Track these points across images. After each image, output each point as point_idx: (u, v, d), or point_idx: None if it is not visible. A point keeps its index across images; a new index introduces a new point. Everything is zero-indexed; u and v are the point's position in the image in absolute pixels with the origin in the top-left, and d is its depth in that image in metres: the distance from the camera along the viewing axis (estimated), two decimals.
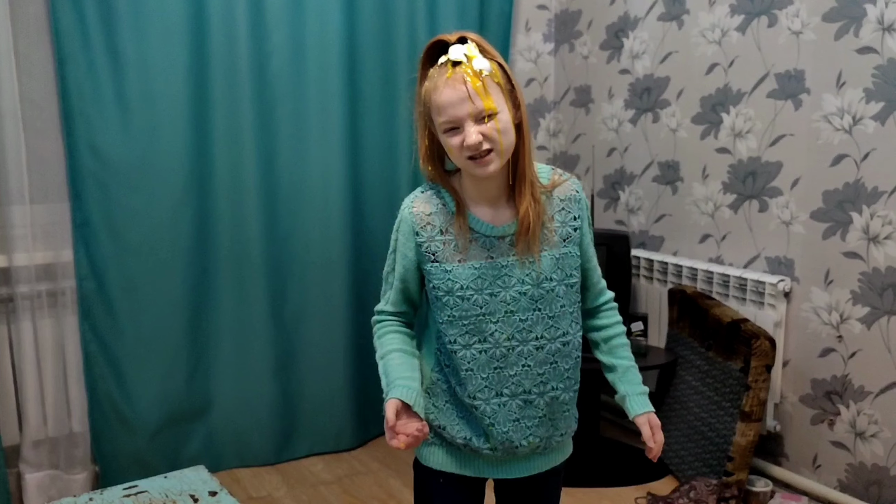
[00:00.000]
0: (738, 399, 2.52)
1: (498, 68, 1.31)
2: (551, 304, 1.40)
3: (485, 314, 1.39)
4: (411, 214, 1.41)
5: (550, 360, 1.42)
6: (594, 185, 3.38)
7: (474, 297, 1.39)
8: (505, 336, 1.40)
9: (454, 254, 1.39)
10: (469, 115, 1.28)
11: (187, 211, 2.70)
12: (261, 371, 2.89)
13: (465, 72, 1.28)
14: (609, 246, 2.86)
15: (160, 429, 2.74)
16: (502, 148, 1.31)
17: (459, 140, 1.30)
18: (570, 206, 1.42)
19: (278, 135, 2.81)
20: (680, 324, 2.85)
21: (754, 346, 2.45)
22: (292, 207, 2.87)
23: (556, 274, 1.40)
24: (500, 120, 1.30)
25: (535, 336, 1.40)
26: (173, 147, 2.64)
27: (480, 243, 1.39)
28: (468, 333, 1.40)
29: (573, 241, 1.41)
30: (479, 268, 1.39)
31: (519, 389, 1.42)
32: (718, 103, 2.80)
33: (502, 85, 1.31)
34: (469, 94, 1.27)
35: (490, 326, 1.40)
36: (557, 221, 1.40)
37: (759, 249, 2.71)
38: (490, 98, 1.28)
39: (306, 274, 2.91)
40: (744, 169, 2.73)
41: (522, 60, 3.48)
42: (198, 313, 2.78)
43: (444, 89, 1.29)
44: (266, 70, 2.76)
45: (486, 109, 1.28)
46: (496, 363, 1.41)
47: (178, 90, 2.62)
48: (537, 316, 1.40)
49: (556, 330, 1.41)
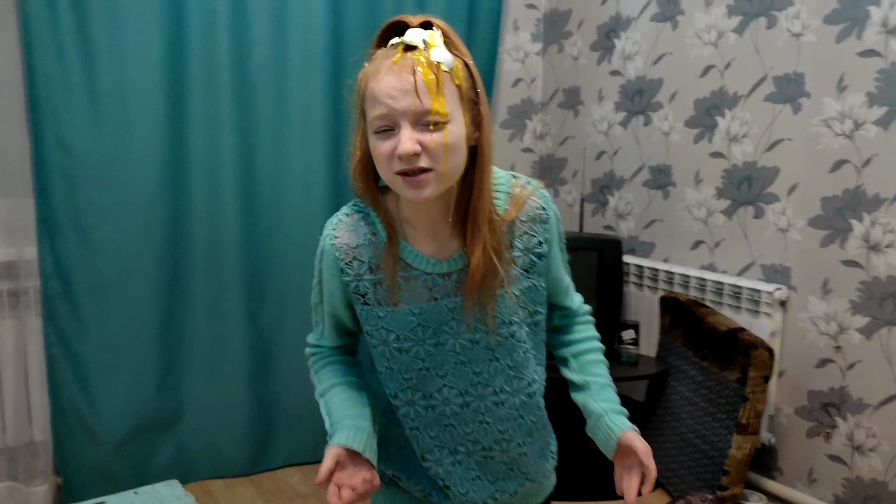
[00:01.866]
0: (734, 411, 2.44)
1: (462, 68, 1.05)
2: (512, 352, 1.16)
3: (428, 368, 1.15)
4: (333, 247, 1.14)
5: (514, 415, 1.19)
6: (583, 189, 3.29)
7: (414, 348, 1.14)
8: (456, 392, 1.16)
9: (387, 295, 1.12)
10: (409, 114, 1.00)
11: (160, 209, 2.57)
12: (235, 377, 2.77)
13: (418, 59, 1.01)
14: (600, 251, 2.78)
15: (128, 438, 2.60)
16: (445, 169, 1.02)
17: (390, 146, 1.01)
18: (535, 228, 1.14)
19: (258, 131, 2.70)
20: (672, 332, 2.77)
21: (753, 356, 2.37)
22: (272, 207, 2.75)
23: (516, 315, 1.15)
24: (450, 132, 1.02)
25: (493, 390, 1.16)
26: (146, 141, 2.51)
27: (421, 282, 1.12)
28: (410, 389, 1.17)
29: (537, 272, 1.15)
30: (419, 313, 1.12)
31: (477, 447, 1.20)
32: (713, 106, 2.73)
33: (463, 89, 1.04)
34: (416, 87, 1.00)
35: (436, 382, 1.15)
36: (518, 250, 1.14)
37: (755, 257, 2.63)
38: (442, 99, 1.01)
39: (286, 276, 2.79)
40: (739, 174, 2.66)
41: (510, 60, 3.39)
42: (169, 316, 2.65)
43: (385, 75, 1.01)
44: (246, 62, 2.64)
45: (434, 112, 1.00)
46: (446, 420, 1.18)
47: (152, 81, 2.49)
48: (495, 367, 1.16)
49: (520, 381, 1.18)
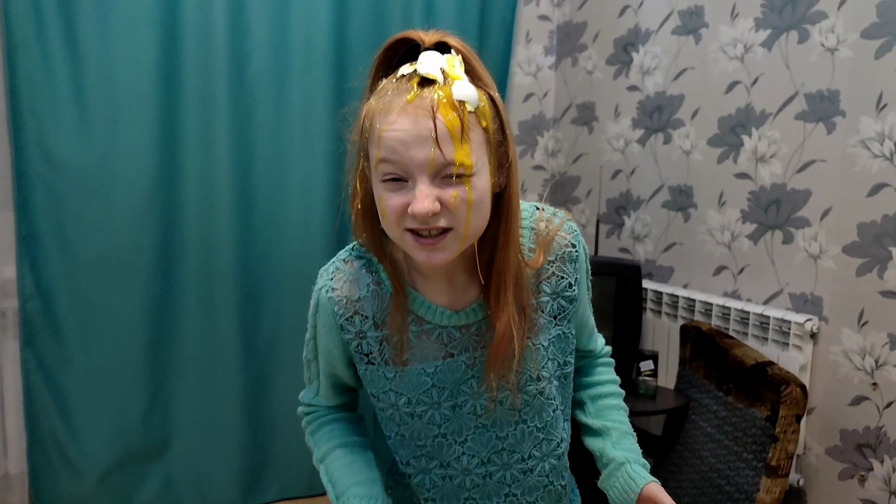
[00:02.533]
0: (762, 451, 2.28)
1: (489, 104, 0.89)
2: (541, 412, 1.04)
3: (445, 434, 1.03)
4: (331, 301, 1.01)
5: (543, 482, 1.08)
6: (598, 209, 3.17)
7: (429, 412, 1.02)
8: (477, 460, 1.04)
9: (396, 354, 1.00)
10: (427, 167, 0.85)
11: (150, 224, 2.45)
12: (228, 404, 2.64)
13: (439, 98, 0.85)
14: (619, 276, 2.64)
15: (111, 470, 2.46)
16: (466, 230, 0.88)
17: (401, 201, 0.87)
18: (564, 268, 1.03)
19: (256, 142, 2.58)
20: (693, 364, 2.62)
21: (784, 392, 2.21)
22: (270, 221, 2.64)
23: (545, 369, 1.03)
24: (475, 186, 0.87)
25: (520, 457, 1.05)
26: (137, 152, 2.40)
27: (434, 336, 1.00)
28: (424, 457, 1.05)
29: (567, 317, 1.04)
30: (433, 372, 1.00)
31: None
32: (739, 124, 2.59)
33: (490, 131, 0.89)
34: (436, 135, 0.84)
35: (454, 449, 1.04)
36: (545, 294, 1.02)
37: (783, 285, 2.49)
38: (467, 148, 0.85)
39: (284, 296, 2.67)
40: (766, 196, 2.52)
41: (521, 73, 3.28)
42: (158, 339, 2.52)
43: (397, 117, 0.86)
44: (245, 70, 2.53)
45: (458, 166, 0.85)
46: (467, 493, 1.06)
47: (144, 88, 2.38)
48: (522, 430, 1.04)
49: (549, 443, 1.06)
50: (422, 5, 2.80)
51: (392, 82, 0.89)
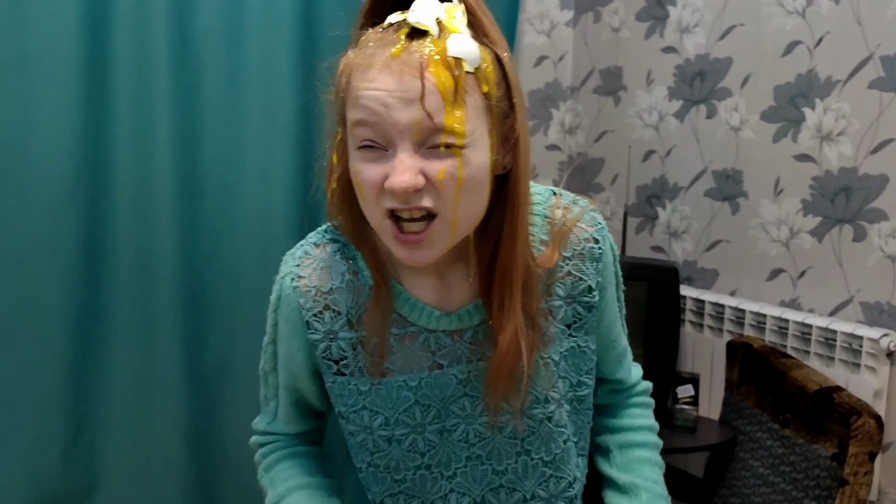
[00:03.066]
0: (827, 497, 2.30)
1: (494, 65, 0.90)
2: (549, 442, 1.05)
3: (430, 465, 1.03)
4: (296, 291, 1.02)
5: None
6: (626, 199, 3.21)
7: (410, 436, 1.02)
8: (469, 500, 1.04)
9: (373, 362, 0.99)
10: (410, 132, 0.85)
11: (72, 216, 2.45)
12: (169, 437, 2.64)
13: (429, 52, 0.86)
14: (651, 281, 2.69)
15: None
16: (455, 216, 0.88)
17: (379, 173, 0.87)
18: (583, 268, 1.03)
19: (204, 115, 2.59)
20: (743, 389, 2.66)
21: (854, 425, 2.23)
22: (221, 215, 2.65)
23: (555, 390, 1.03)
24: (469, 161, 0.86)
25: (521, 497, 1.05)
26: (54, 129, 2.39)
27: (420, 342, 1.00)
28: (402, 494, 1.05)
29: (585, 328, 1.05)
30: (416, 386, 1.00)
31: None
32: (800, 95, 2.63)
33: (493, 98, 0.89)
34: (423, 92, 0.84)
35: (441, 485, 1.03)
36: (558, 297, 1.03)
37: (853, 292, 2.52)
38: (461, 113, 0.85)
39: (237, 306, 2.68)
40: (833, 183, 2.55)
41: (532, 32, 3.35)
42: (82, 359, 2.52)
43: (378, 73, 0.86)
44: (189, 26, 2.53)
45: (448, 133, 0.85)
46: None
47: (64, 48, 2.37)
48: (524, 463, 1.04)
49: (559, 482, 1.07)
50: None
51: (377, 32, 0.91)
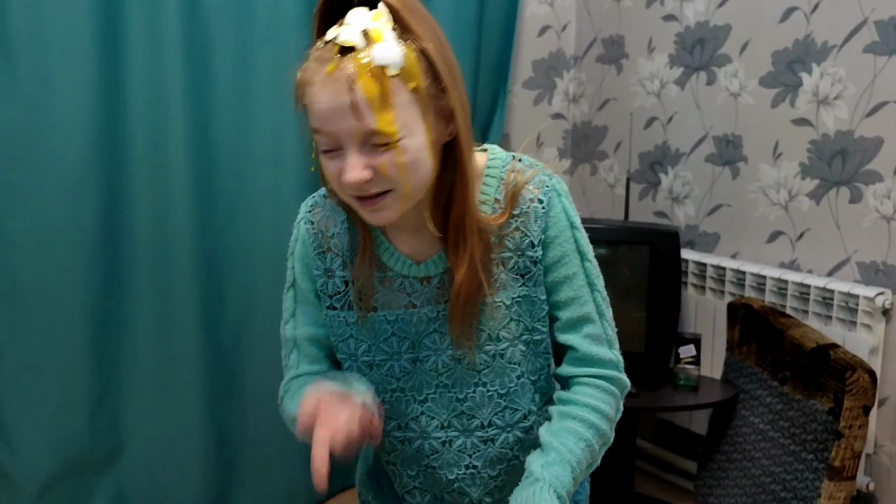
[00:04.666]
0: (823, 450, 2.36)
1: (418, 59, 1.02)
2: (502, 376, 1.16)
3: (404, 389, 1.18)
4: (308, 233, 1.21)
5: (507, 455, 1.20)
6: (629, 166, 3.23)
7: (388, 363, 1.17)
8: (437, 423, 1.18)
9: (360, 298, 1.16)
10: (353, 136, 1.00)
11: (91, 192, 2.50)
12: (189, 405, 2.72)
13: (357, 66, 0.98)
14: (653, 245, 2.72)
15: (52, 483, 2.54)
16: (407, 189, 1.04)
17: (338, 168, 1.03)
18: (528, 224, 1.13)
19: (216, 91, 2.63)
20: (743, 348, 2.71)
21: (849, 380, 2.29)
22: (234, 186, 2.70)
23: (506, 330, 1.15)
24: (406, 148, 1.01)
25: (480, 423, 1.18)
26: (72, 106, 2.43)
27: (397, 285, 1.16)
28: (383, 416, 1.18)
29: (533, 279, 1.14)
30: (394, 321, 1.16)
31: (464, 500, 1.22)
32: (797, 60, 2.65)
33: (421, 89, 1.02)
34: (355, 104, 0.98)
35: (413, 408, 1.19)
36: (508, 249, 1.14)
37: (850, 253, 2.56)
38: (390, 115, 0.99)
39: (252, 277, 2.73)
40: (830, 146, 2.58)
41: (535, 2, 3.35)
42: (104, 329, 2.58)
43: (319, 89, 1.01)
44: (199, 6, 2.56)
45: (380, 134, 1.00)
46: (426, 459, 1.21)
47: (79, 28, 2.41)
48: (482, 394, 1.17)
49: (513, 413, 1.19)
50: None
51: (317, 50, 1.04)
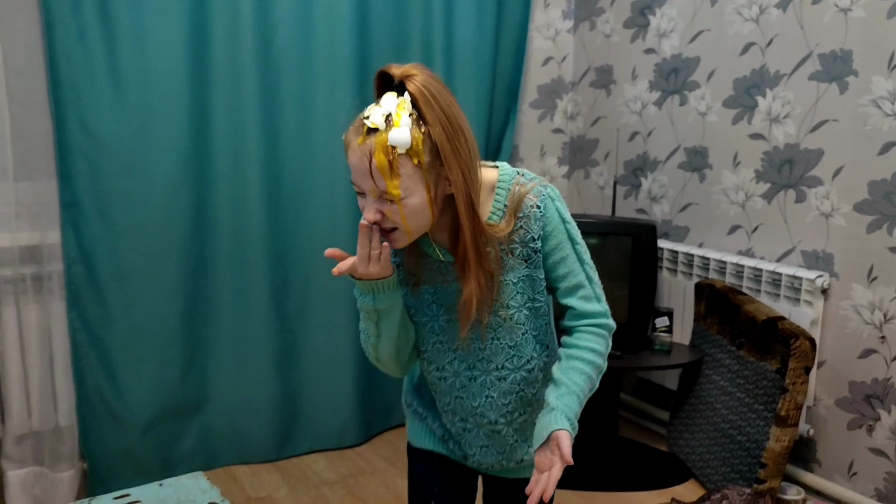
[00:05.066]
0: (772, 402, 2.37)
1: (424, 141, 1.12)
2: (511, 332, 1.28)
3: (441, 341, 1.31)
4: None
5: (516, 389, 1.32)
6: (616, 171, 3.21)
7: (429, 323, 1.30)
8: (465, 365, 1.31)
9: (409, 276, 1.29)
10: (370, 191, 1.14)
11: (184, 194, 2.53)
12: (260, 364, 2.74)
13: (375, 144, 1.11)
14: (635, 236, 2.71)
15: (152, 425, 2.58)
16: (409, 229, 1.17)
17: (362, 205, 1.17)
18: (529, 224, 1.24)
19: (283, 114, 2.64)
20: (707, 320, 2.69)
21: (793, 346, 2.29)
22: (296, 193, 2.70)
23: (515, 300, 1.27)
24: (406, 205, 1.14)
25: (495, 366, 1.30)
26: (170, 124, 2.46)
27: (436, 267, 1.28)
28: (425, 361, 1.34)
29: (534, 263, 1.26)
30: (433, 293, 1.28)
31: (484, 420, 1.33)
32: (754, 86, 2.63)
33: (423, 163, 1.13)
34: (371, 171, 1.12)
35: (448, 355, 1.31)
36: (515, 242, 1.25)
37: (795, 243, 2.55)
38: (396, 181, 1.12)
39: (311, 263, 2.75)
40: (780, 156, 2.57)
41: (540, 38, 3.30)
42: (194, 302, 2.61)
43: (352, 152, 1.15)
44: (271, 43, 2.58)
45: (387, 193, 1.13)
46: (457, 392, 1.33)
47: (175, 63, 2.44)
48: (497, 345, 1.29)
49: (519, 359, 1.31)
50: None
51: (354, 127, 1.15)
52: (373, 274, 1.18)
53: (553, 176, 3.45)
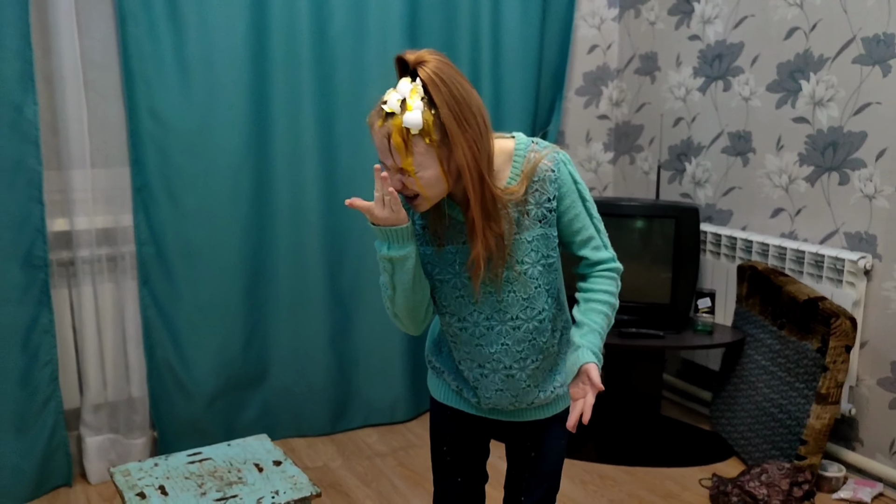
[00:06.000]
0: (813, 381, 2.41)
1: (434, 121, 1.26)
2: (526, 286, 1.40)
3: (463, 296, 1.42)
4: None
5: (528, 337, 1.44)
6: (660, 156, 3.26)
7: (452, 280, 1.41)
8: (483, 316, 1.42)
9: (433, 237, 1.40)
10: (391, 166, 1.29)
11: (245, 176, 2.66)
12: (317, 340, 2.86)
13: (392, 127, 1.25)
14: (677, 219, 2.75)
15: (217, 396, 2.73)
16: (427, 196, 1.31)
17: (387, 174, 1.30)
18: (545, 186, 1.37)
19: (337, 99, 2.75)
20: (749, 301, 2.74)
21: (833, 325, 2.33)
22: (350, 174, 2.81)
23: (529, 257, 1.39)
24: (421, 177, 1.28)
25: (510, 317, 1.41)
26: (232, 111, 2.59)
27: (457, 229, 1.39)
28: (448, 314, 1.45)
29: (548, 223, 1.39)
30: (455, 252, 1.40)
31: (500, 366, 1.45)
32: (797, 70, 2.66)
33: (434, 141, 1.27)
34: (389, 149, 1.27)
35: (469, 308, 1.42)
36: (531, 203, 1.37)
37: (838, 225, 2.57)
38: (410, 158, 1.26)
39: (364, 243, 2.85)
40: (823, 140, 2.59)
41: (585, 26, 3.35)
42: (255, 280, 2.74)
43: (374, 133, 1.29)
44: (326, 32, 2.69)
45: (403, 168, 1.27)
46: (476, 341, 1.44)
47: (237, 53, 2.57)
48: (512, 298, 1.40)
49: (532, 310, 1.42)
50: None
51: (376, 110, 1.29)
52: (386, 218, 1.30)
53: (598, 161, 3.50)
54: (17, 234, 2.33)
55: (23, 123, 2.29)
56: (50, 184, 2.41)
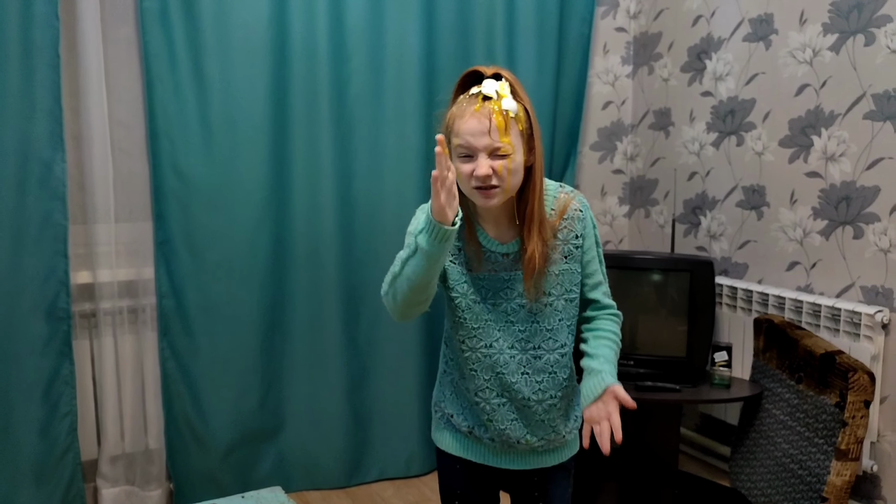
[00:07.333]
0: (832, 436, 2.37)
1: (523, 112, 1.39)
2: (550, 318, 1.48)
3: (489, 321, 1.48)
4: None
5: (549, 369, 1.50)
6: (675, 210, 3.28)
7: (480, 304, 1.48)
8: (508, 345, 1.48)
9: (468, 262, 1.48)
10: (485, 148, 1.35)
11: (265, 232, 2.71)
12: (333, 393, 2.87)
13: (493, 108, 1.35)
14: (692, 272, 2.76)
15: (233, 448, 2.74)
16: (508, 186, 1.38)
17: (470, 168, 1.36)
18: (573, 224, 1.48)
19: (356, 158, 2.81)
20: (766, 355, 2.71)
21: (851, 379, 2.31)
22: (368, 231, 2.85)
23: (555, 289, 1.48)
24: (513, 160, 1.37)
25: (533, 346, 1.49)
26: (253, 169, 2.66)
27: (486, 257, 1.47)
28: (475, 338, 1.49)
29: (574, 259, 1.49)
30: (485, 279, 1.48)
31: (518, 396, 1.50)
32: (809, 125, 2.68)
33: (523, 130, 1.39)
34: (490, 128, 1.34)
35: (495, 334, 1.49)
36: (559, 239, 1.47)
37: (854, 278, 2.56)
38: (509, 137, 1.36)
39: (380, 298, 2.83)
40: (836, 194, 2.60)
41: (600, 83, 3.42)
42: (272, 333, 2.77)
43: (469, 118, 1.36)
44: (345, 93, 2.76)
45: (503, 148, 1.35)
46: (498, 368, 1.49)
47: (259, 113, 2.64)
48: (535, 328, 1.48)
49: (554, 342, 1.50)
50: (503, 26, 2.98)
51: (466, 97, 1.40)
52: (439, 204, 1.27)
53: (614, 215, 3.53)
54: (42, 287, 2.39)
55: (51, 180, 2.36)
56: (75, 237, 2.48)
